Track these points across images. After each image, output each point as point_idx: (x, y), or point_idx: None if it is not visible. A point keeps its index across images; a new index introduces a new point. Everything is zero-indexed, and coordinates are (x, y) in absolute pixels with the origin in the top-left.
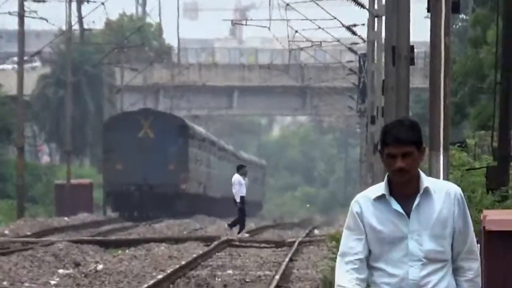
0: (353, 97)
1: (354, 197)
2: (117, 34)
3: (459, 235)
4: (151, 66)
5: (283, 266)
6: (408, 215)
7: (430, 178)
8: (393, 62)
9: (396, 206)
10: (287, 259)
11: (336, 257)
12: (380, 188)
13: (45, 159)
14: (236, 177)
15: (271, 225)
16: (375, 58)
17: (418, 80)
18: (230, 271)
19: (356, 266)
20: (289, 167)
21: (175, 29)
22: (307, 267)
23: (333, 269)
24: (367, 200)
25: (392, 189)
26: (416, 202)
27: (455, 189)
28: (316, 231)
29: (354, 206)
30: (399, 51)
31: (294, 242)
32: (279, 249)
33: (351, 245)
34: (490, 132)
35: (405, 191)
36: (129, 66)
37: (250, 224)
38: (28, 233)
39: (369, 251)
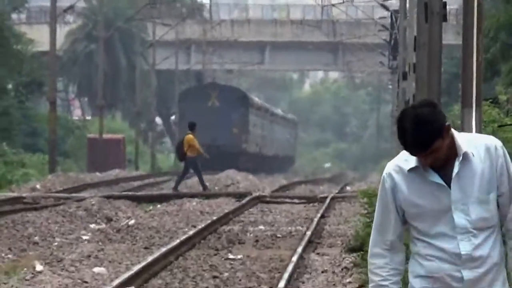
0: (384, 53)
1: (385, 154)
2: None
3: (505, 193)
4: (183, 21)
5: (314, 222)
6: (448, 183)
7: (465, 137)
8: (425, 18)
9: (434, 177)
10: (318, 215)
11: (367, 214)
12: (412, 157)
13: (77, 113)
14: None
15: (303, 180)
16: (407, 14)
17: (450, 37)
18: (261, 227)
19: (388, 247)
20: (321, 123)
21: None
22: (339, 223)
23: (364, 225)
24: (400, 172)
25: None
26: (455, 171)
27: (494, 143)
28: (348, 187)
29: (386, 181)
30: (431, 7)
31: (326, 198)
32: (311, 204)
33: (384, 223)
34: None
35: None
36: (161, 21)
37: (281, 180)
38: (60, 188)
39: (408, 223)
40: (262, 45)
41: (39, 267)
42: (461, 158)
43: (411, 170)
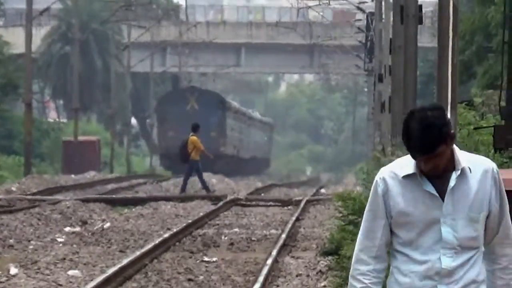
0: (361, 56)
1: (361, 156)
2: None
3: (494, 217)
4: (159, 23)
5: (289, 225)
6: (442, 195)
7: (465, 155)
8: (401, 20)
9: (429, 187)
10: (293, 218)
11: (342, 217)
12: (409, 164)
13: (52, 115)
14: None
15: (278, 183)
16: (383, 16)
17: (425, 39)
18: (236, 230)
19: (374, 254)
20: (296, 126)
21: None
22: (314, 226)
23: (339, 228)
24: (395, 178)
25: None
26: (452, 184)
27: (491, 166)
28: (323, 190)
29: (379, 185)
30: (407, 9)
31: (301, 201)
32: (286, 207)
33: (372, 229)
34: (497, 91)
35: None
36: (136, 23)
37: (257, 183)
38: (35, 191)
39: (392, 233)
40: (237, 47)
41: (13, 270)
42: (459, 172)
43: (406, 176)
